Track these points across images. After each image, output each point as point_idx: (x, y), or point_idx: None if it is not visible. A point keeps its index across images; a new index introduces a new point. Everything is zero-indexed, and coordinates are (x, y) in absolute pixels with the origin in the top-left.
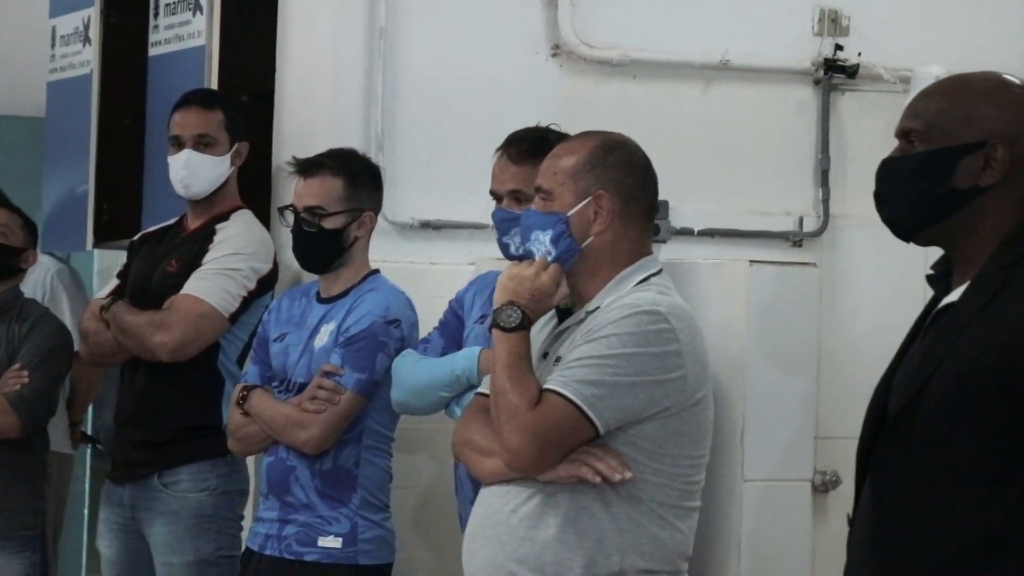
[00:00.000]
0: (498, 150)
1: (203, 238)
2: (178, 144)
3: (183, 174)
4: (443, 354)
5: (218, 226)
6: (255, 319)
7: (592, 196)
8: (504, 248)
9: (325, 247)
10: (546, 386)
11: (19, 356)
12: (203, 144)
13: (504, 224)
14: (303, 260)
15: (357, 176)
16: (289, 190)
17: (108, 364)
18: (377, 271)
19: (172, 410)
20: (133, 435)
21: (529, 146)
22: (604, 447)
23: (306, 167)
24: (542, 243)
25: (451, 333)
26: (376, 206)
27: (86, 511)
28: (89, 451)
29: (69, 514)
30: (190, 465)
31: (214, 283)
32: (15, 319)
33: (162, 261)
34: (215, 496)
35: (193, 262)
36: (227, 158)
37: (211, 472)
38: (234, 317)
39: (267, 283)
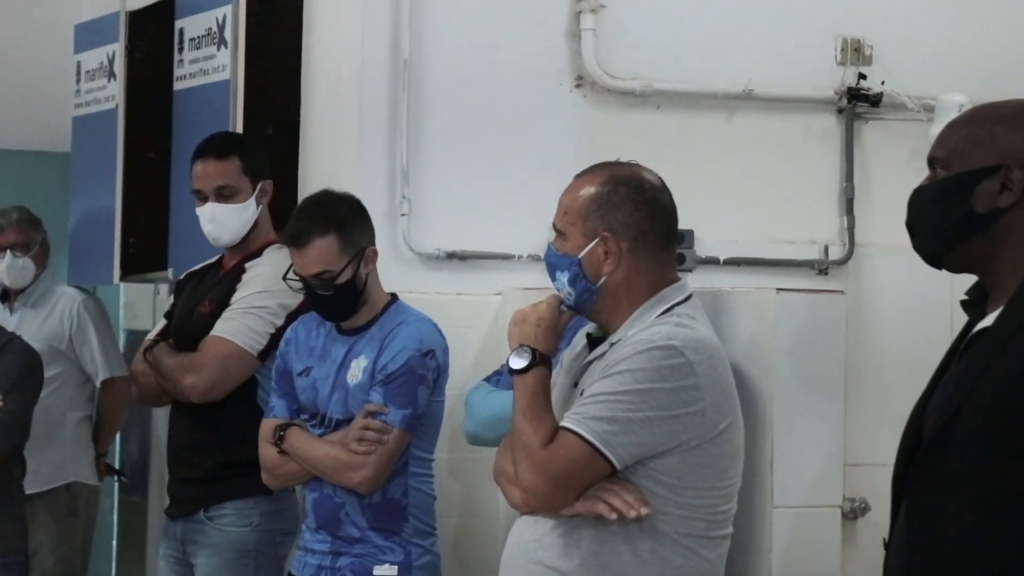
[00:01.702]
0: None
1: (233, 277)
2: (201, 197)
3: (210, 227)
4: None
5: (248, 264)
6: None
7: (599, 238)
8: None
9: (345, 301)
10: (562, 423)
11: None
12: (224, 195)
13: None
14: (327, 317)
15: (344, 223)
16: None
17: (156, 404)
18: (395, 296)
19: (215, 449)
20: (181, 472)
21: None
22: (623, 483)
23: (295, 239)
24: (562, 283)
25: None
26: (371, 237)
27: (114, 543)
28: (116, 483)
29: (96, 547)
30: (235, 500)
31: (241, 323)
32: None
33: (200, 302)
34: (257, 532)
35: (224, 302)
36: (251, 202)
37: (255, 509)
38: (264, 355)
39: (295, 318)
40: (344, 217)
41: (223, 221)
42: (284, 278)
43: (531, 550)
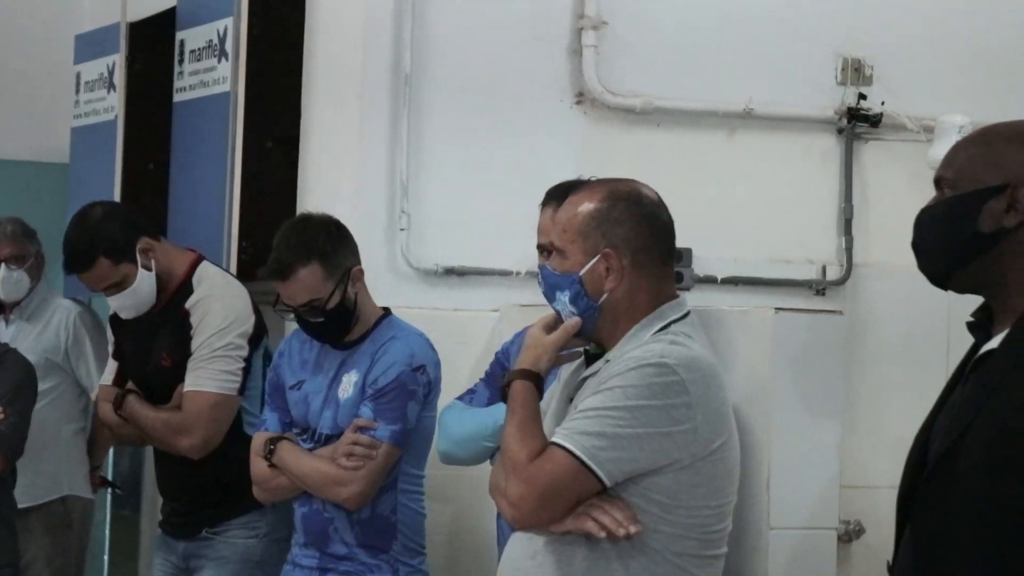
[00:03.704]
0: (542, 204)
1: (180, 322)
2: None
3: (125, 313)
4: (488, 404)
5: (188, 305)
6: (260, 366)
7: (601, 254)
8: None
9: (337, 323)
10: (552, 438)
11: None
12: (116, 288)
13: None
14: (322, 341)
15: (325, 249)
16: None
17: (139, 447)
18: (388, 311)
19: (211, 484)
20: (178, 507)
21: None
22: (613, 500)
23: (279, 273)
24: (563, 303)
25: (496, 384)
26: (356, 256)
27: (106, 556)
28: (109, 496)
29: (89, 559)
30: (240, 517)
31: (211, 369)
32: None
33: (151, 351)
34: (264, 542)
35: (183, 352)
36: (140, 274)
37: (260, 520)
38: (242, 389)
39: (257, 336)
40: (324, 244)
41: (131, 304)
42: (274, 307)
43: (524, 567)
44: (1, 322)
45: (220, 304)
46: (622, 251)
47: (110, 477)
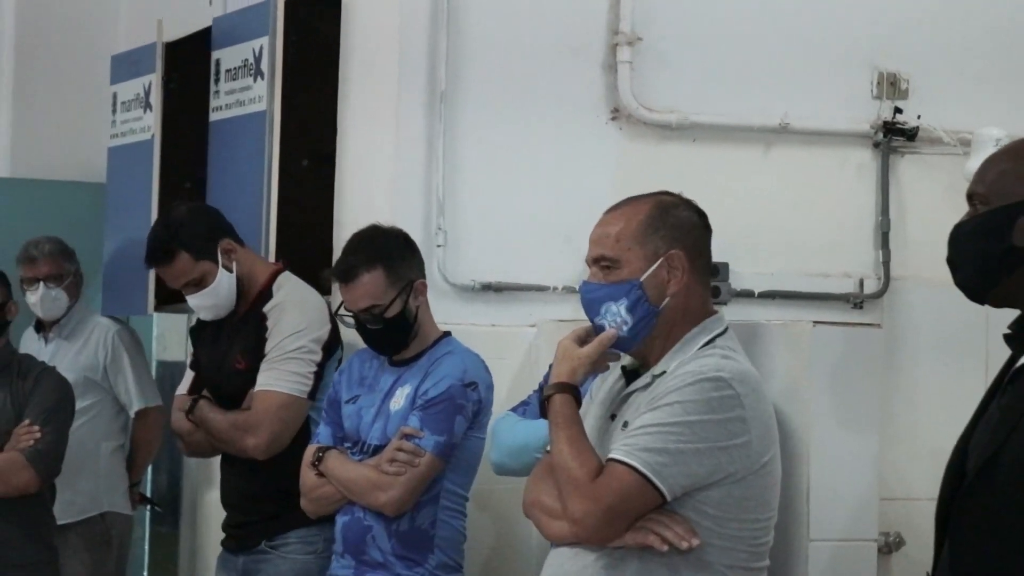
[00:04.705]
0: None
1: (257, 325)
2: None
3: (203, 313)
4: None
5: (266, 309)
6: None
7: (664, 256)
8: None
9: (396, 333)
10: (611, 455)
11: (26, 412)
12: (194, 286)
13: None
14: (378, 350)
15: (391, 256)
16: None
17: (208, 457)
18: (448, 333)
19: (274, 493)
20: (239, 519)
21: None
22: (671, 514)
23: (343, 275)
24: (616, 314)
25: None
26: (421, 270)
27: (145, 573)
28: (148, 513)
29: None
30: (299, 529)
31: (283, 370)
32: (17, 375)
33: (227, 355)
34: (321, 559)
35: (257, 354)
36: (221, 273)
37: (318, 535)
38: (313, 393)
39: (331, 345)
40: (390, 251)
41: (210, 304)
42: (335, 313)
43: None
44: (40, 340)
45: (297, 309)
46: (685, 252)
47: (149, 494)
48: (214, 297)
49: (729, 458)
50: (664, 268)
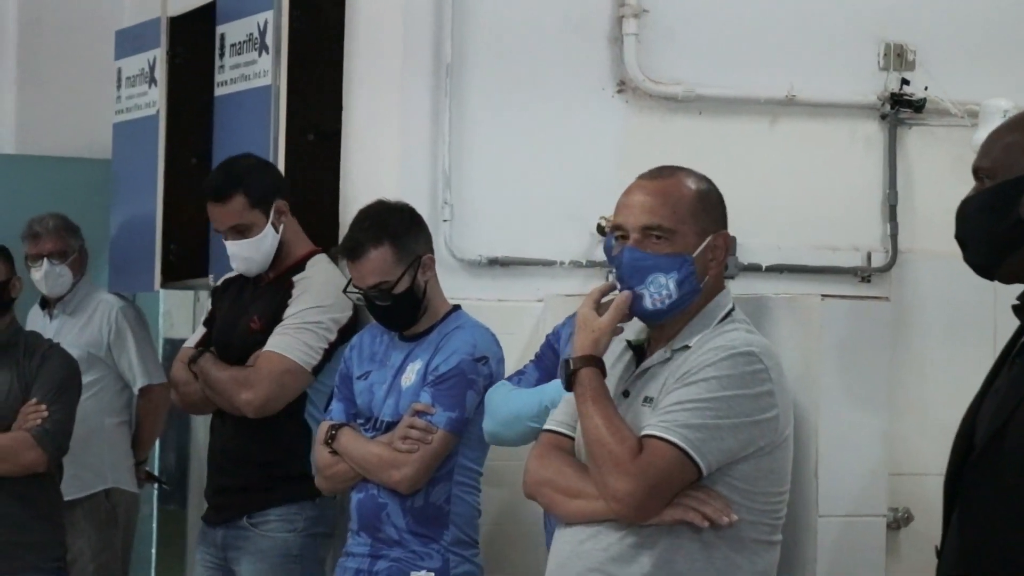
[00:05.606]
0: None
1: (282, 291)
2: (222, 235)
3: (237, 263)
4: (537, 386)
5: (295, 278)
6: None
7: (712, 236)
8: None
9: (405, 309)
10: (648, 432)
11: (33, 390)
12: (238, 233)
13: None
14: (388, 327)
15: (398, 232)
16: None
17: (199, 413)
18: (458, 307)
19: (259, 461)
20: (222, 481)
21: None
22: (707, 489)
23: (350, 252)
24: (662, 286)
25: (546, 366)
26: (428, 244)
27: (153, 551)
28: (155, 491)
29: (136, 554)
30: (280, 507)
31: (295, 338)
32: (23, 353)
33: (244, 314)
34: (301, 537)
35: (274, 318)
36: (267, 230)
37: (299, 515)
38: (317, 369)
39: (348, 332)
40: (397, 227)
41: (247, 256)
42: (344, 291)
43: (595, 559)
44: (45, 317)
45: (324, 287)
46: (725, 235)
47: (156, 473)
48: (254, 250)
49: (760, 431)
50: (710, 248)
